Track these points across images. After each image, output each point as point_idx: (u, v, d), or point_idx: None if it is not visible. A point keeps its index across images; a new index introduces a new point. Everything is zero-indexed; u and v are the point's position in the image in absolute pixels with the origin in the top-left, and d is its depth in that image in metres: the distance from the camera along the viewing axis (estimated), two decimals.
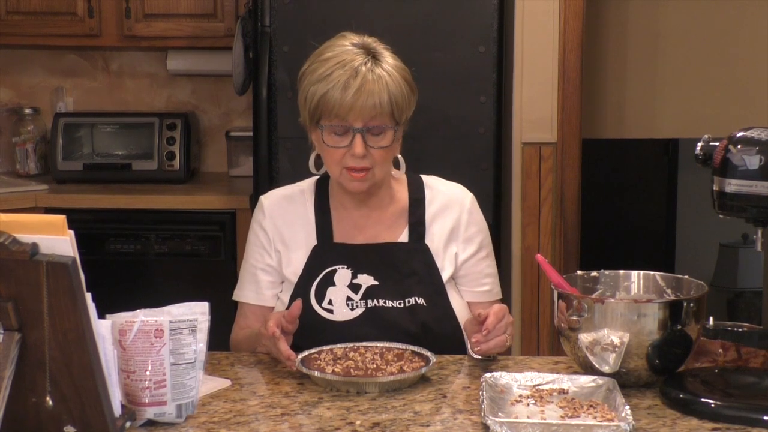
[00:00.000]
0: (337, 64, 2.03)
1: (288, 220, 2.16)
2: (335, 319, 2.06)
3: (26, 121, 4.11)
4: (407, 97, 2.06)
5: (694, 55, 4.00)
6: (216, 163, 4.22)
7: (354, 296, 2.07)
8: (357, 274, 2.09)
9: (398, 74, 2.05)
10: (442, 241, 2.15)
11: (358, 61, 2.03)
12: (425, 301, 2.09)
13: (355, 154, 2.02)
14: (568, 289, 1.87)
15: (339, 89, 2.00)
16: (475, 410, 1.70)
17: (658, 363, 1.78)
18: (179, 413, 1.64)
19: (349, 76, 2.01)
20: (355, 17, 3.20)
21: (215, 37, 3.83)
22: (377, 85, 2.01)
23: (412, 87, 2.09)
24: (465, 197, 2.20)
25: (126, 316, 1.62)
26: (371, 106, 2.00)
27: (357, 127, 2.02)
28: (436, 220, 2.16)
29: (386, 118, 2.03)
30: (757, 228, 1.72)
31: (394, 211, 2.17)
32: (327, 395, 1.78)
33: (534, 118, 3.41)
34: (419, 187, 2.20)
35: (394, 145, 2.08)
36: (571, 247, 3.45)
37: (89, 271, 1.47)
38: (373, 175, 2.06)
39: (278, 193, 2.22)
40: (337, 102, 2.00)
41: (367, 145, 2.03)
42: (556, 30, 3.38)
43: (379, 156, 2.04)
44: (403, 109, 2.05)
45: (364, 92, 2.00)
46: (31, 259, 1.38)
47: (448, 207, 2.18)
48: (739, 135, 1.69)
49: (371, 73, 2.02)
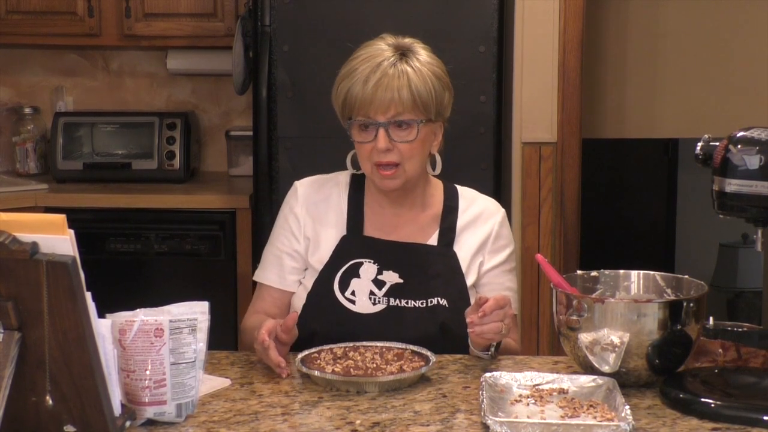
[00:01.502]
0: (364, 61, 2.06)
1: (320, 208, 2.17)
2: (356, 310, 2.07)
3: (26, 120, 4.11)
4: (435, 92, 2.06)
5: (694, 55, 4.00)
6: (216, 162, 4.22)
7: (377, 292, 2.08)
8: (383, 270, 2.10)
9: (427, 69, 2.06)
10: (471, 251, 2.16)
11: (384, 57, 2.05)
12: (447, 302, 2.09)
13: (378, 148, 2.03)
14: (568, 289, 1.87)
15: (360, 83, 2.03)
16: (475, 410, 1.70)
17: (658, 363, 1.78)
18: (179, 413, 1.64)
19: (370, 71, 2.03)
20: (355, 17, 3.20)
21: (215, 37, 3.83)
22: (397, 79, 2.02)
23: (444, 83, 2.10)
24: (498, 212, 2.22)
25: (126, 316, 1.62)
26: (389, 99, 2.02)
27: (380, 121, 2.03)
28: (467, 229, 2.17)
29: (411, 112, 2.04)
30: (757, 228, 1.72)
31: (427, 214, 2.18)
32: (327, 395, 1.78)
33: (534, 118, 3.41)
34: (453, 195, 2.21)
35: (425, 141, 2.08)
36: (571, 247, 3.45)
37: (89, 271, 1.46)
38: (403, 171, 2.06)
39: (313, 180, 2.22)
40: (359, 96, 2.03)
41: (392, 139, 2.04)
42: (556, 30, 3.38)
43: (406, 150, 2.05)
44: (429, 104, 2.05)
45: (382, 86, 2.02)
46: (31, 258, 1.38)
47: (480, 219, 2.19)
48: (739, 135, 1.69)
49: (393, 68, 2.04)
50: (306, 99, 3.24)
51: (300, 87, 3.24)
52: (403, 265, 2.11)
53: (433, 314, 2.07)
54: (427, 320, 2.06)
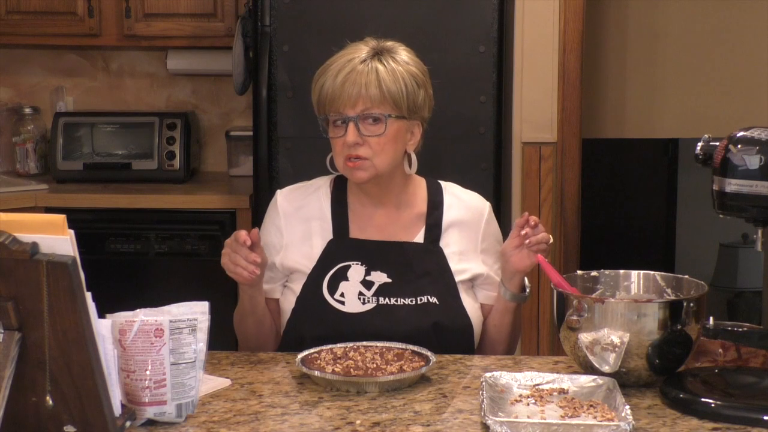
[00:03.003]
0: (338, 58, 2.09)
1: (303, 215, 2.17)
2: (346, 310, 2.07)
3: (26, 120, 4.11)
4: (407, 89, 2.07)
5: (694, 55, 4.00)
6: (216, 162, 4.22)
7: (366, 292, 2.08)
8: (370, 271, 2.10)
9: (402, 68, 2.08)
10: (457, 247, 2.16)
11: (357, 55, 2.08)
12: (437, 300, 2.09)
13: (347, 141, 2.05)
14: (568, 289, 1.87)
15: (331, 78, 2.07)
16: (475, 410, 1.70)
17: (658, 363, 1.78)
18: (179, 413, 1.64)
19: (341, 67, 2.06)
20: (355, 17, 3.20)
21: (215, 37, 3.83)
22: (366, 75, 2.05)
23: (419, 80, 2.10)
24: (483, 207, 2.22)
25: (126, 316, 1.62)
26: (357, 94, 2.04)
27: (350, 116, 2.05)
28: (453, 226, 2.17)
29: (380, 107, 2.05)
30: (757, 228, 1.72)
31: (412, 212, 2.18)
32: (327, 395, 1.78)
33: (534, 118, 3.41)
34: (438, 191, 2.21)
35: (396, 137, 2.08)
36: (571, 247, 3.45)
37: (89, 271, 1.47)
38: (372, 165, 2.07)
39: (293, 188, 2.23)
40: (329, 90, 2.06)
41: (361, 134, 2.05)
42: (556, 30, 3.38)
43: (375, 144, 2.05)
44: (399, 100, 2.06)
45: (350, 80, 2.04)
46: (31, 258, 1.38)
47: (466, 215, 2.19)
48: (739, 135, 1.69)
49: (363, 64, 2.06)
50: (306, 99, 3.20)
51: (300, 87, 3.24)
52: (391, 264, 2.11)
53: (424, 312, 2.08)
54: (418, 317, 2.06)
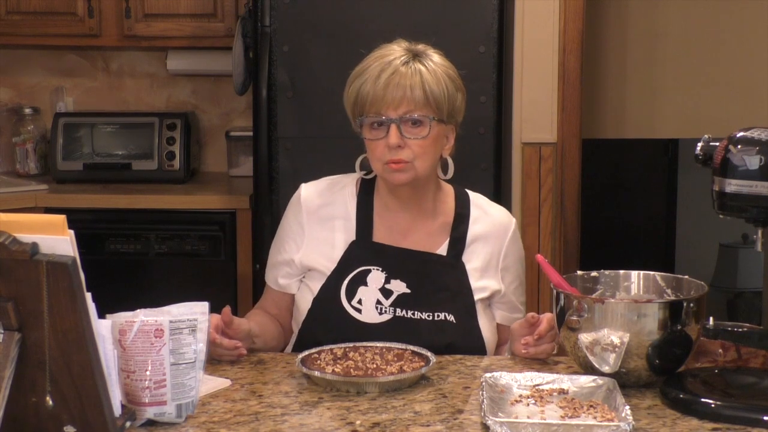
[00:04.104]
0: (376, 59, 2.07)
1: (327, 212, 2.15)
2: (362, 319, 2.06)
3: (26, 121, 4.11)
4: (449, 92, 2.06)
5: (694, 55, 4.00)
6: (216, 163, 4.22)
7: (384, 301, 2.07)
8: (390, 279, 2.08)
9: (440, 70, 2.06)
10: (479, 263, 2.14)
11: (396, 56, 2.05)
12: (454, 318, 2.08)
13: (390, 143, 2.02)
14: (568, 289, 1.87)
15: (372, 81, 2.03)
16: (475, 410, 1.70)
17: (658, 363, 1.78)
18: (179, 413, 1.64)
19: (382, 68, 2.03)
20: (355, 17, 3.20)
21: (215, 37, 3.83)
22: (410, 77, 2.03)
23: (457, 84, 2.09)
24: (509, 224, 2.20)
25: (126, 316, 1.62)
26: (401, 96, 2.01)
27: (392, 118, 2.02)
28: (478, 240, 2.15)
29: (423, 109, 2.03)
30: (757, 228, 1.72)
31: (438, 222, 2.16)
32: (327, 395, 1.78)
33: (534, 118, 3.41)
34: (465, 203, 2.19)
35: (437, 140, 2.06)
36: (571, 247, 3.45)
37: (89, 271, 1.46)
38: (413, 168, 2.05)
39: (318, 183, 2.20)
40: (370, 93, 2.03)
41: (404, 136, 2.03)
42: (556, 30, 3.38)
43: (417, 147, 2.03)
44: (442, 103, 2.04)
45: (394, 83, 2.02)
46: (31, 258, 1.38)
47: (492, 231, 2.17)
48: (739, 135, 1.69)
49: (406, 66, 2.04)
50: (306, 99, 3.24)
51: (300, 87, 3.24)
52: (411, 274, 2.09)
53: (440, 330, 2.06)
54: (434, 334, 2.05)
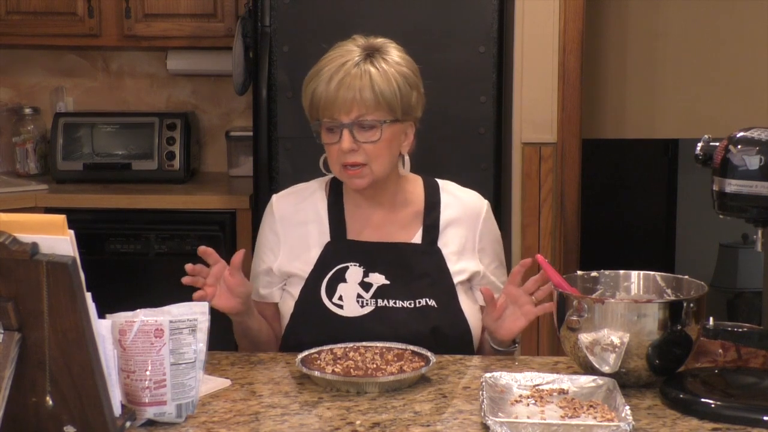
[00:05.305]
0: (330, 61, 2.05)
1: (299, 218, 2.16)
2: (345, 314, 2.06)
3: (26, 121, 4.11)
4: (400, 92, 2.04)
5: (694, 55, 4.00)
6: (216, 163, 4.22)
7: (365, 294, 2.07)
8: (369, 273, 2.09)
9: (394, 69, 2.04)
10: (455, 247, 2.15)
11: (349, 58, 2.04)
12: (436, 303, 2.08)
13: (342, 149, 2.02)
14: (568, 289, 1.87)
15: (324, 84, 2.03)
16: (475, 410, 1.70)
17: (658, 363, 1.77)
18: (179, 413, 1.64)
19: (334, 71, 2.02)
20: (355, 17, 3.20)
21: (215, 37, 3.83)
22: (359, 79, 2.01)
23: (411, 82, 2.07)
24: (481, 205, 2.20)
25: (126, 316, 1.62)
26: (351, 99, 2.01)
27: (344, 122, 2.02)
28: (451, 225, 2.16)
29: (374, 113, 2.02)
30: (757, 228, 1.72)
31: (409, 212, 2.16)
32: (327, 395, 1.78)
33: (534, 118, 3.41)
34: (435, 190, 2.19)
35: (391, 141, 2.06)
36: (571, 247, 3.45)
37: (89, 271, 1.47)
38: (370, 171, 2.05)
39: (289, 192, 2.22)
40: (322, 96, 2.03)
41: (356, 140, 2.02)
42: (556, 30, 3.38)
43: (371, 151, 2.03)
44: (394, 103, 2.03)
45: (344, 85, 2.01)
46: (31, 258, 1.38)
47: (464, 213, 2.17)
48: (739, 135, 1.69)
49: (356, 67, 2.02)
50: None
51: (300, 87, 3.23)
52: (389, 265, 2.10)
53: (423, 315, 2.07)
54: (416, 321, 2.06)
